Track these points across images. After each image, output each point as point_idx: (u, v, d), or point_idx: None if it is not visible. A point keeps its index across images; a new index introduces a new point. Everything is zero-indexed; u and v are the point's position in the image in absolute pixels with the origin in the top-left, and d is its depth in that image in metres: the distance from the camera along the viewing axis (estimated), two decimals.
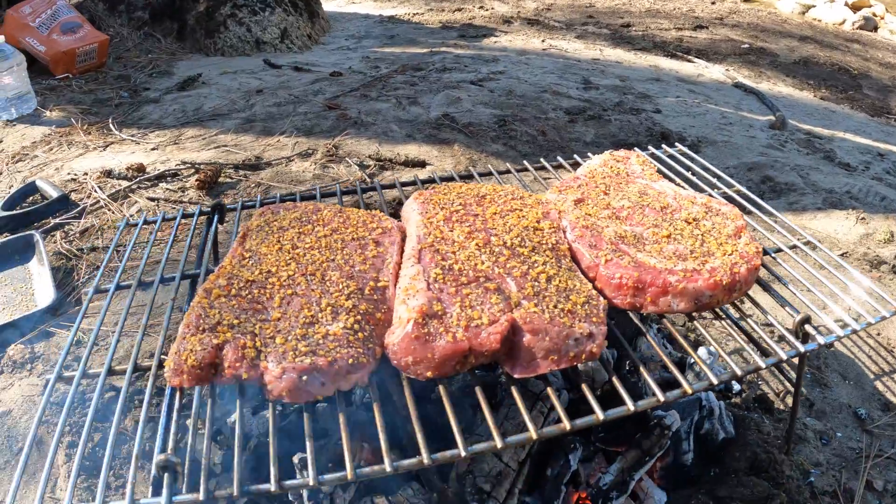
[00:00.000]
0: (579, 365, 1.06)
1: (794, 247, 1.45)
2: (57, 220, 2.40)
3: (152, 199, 2.53)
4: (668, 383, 1.20)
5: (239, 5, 4.78)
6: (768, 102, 4.00)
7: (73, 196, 2.56)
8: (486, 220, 1.30)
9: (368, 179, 2.61)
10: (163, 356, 1.11)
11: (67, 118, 3.30)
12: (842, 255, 2.42)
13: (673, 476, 1.43)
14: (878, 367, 1.85)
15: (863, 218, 2.67)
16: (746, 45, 5.55)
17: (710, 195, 1.59)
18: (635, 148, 1.80)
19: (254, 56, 4.59)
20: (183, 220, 1.61)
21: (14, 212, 2.41)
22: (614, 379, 1.08)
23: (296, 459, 1.19)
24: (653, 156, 1.78)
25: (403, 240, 1.33)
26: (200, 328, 1.06)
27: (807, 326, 1.18)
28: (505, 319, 1.04)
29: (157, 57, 4.45)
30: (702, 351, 1.59)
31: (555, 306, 1.08)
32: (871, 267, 2.33)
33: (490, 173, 1.71)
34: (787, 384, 1.73)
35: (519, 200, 1.37)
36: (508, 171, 1.74)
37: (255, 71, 4.11)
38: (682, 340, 1.17)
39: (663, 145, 1.80)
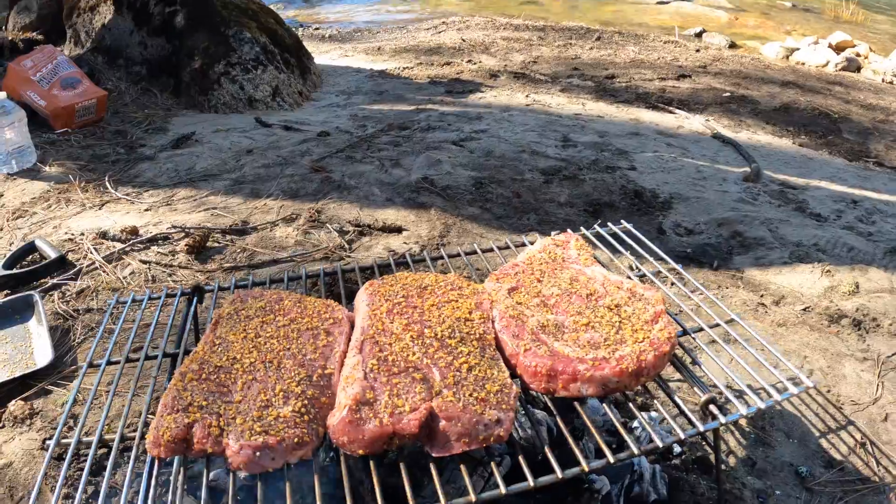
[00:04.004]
0: (520, 431, 1.19)
1: (715, 325, 1.53)
2: (55, 281, 2.51)
3: (144, 262, 2.63)
4: (609, 445, 1.31)
5: (232, 63, 4.91)
6: (744, 153, 4.10)
7: (70, 256, 2.66)
8: (424, 312, 1.45)
9: (346, 245, 2.71)
10: (144, 429, 1.33)
11: (66, 174, 3.43)
12: (804, 309, 2.50)
13: None
14: (824, 424, 1.93)
15: (828, 270, 2.76)
16: (728, 94, 5.67)
17: (645, 275, 1.69)
18: (581, 229, 1.91)
19: (246, 113, 4.72)
20: (167, 299, 1.79)
21: (14, 271, 2.52)
22: (546, 449, 1.22)
23: None
24: (597, 234, 1.88)
25: (352, 328, 1.49)
26: (175, 408, 1.26)
27: (711, 406, 1.28)
28: (424, 408, 1.22)
29: (154, 112, 4.58)
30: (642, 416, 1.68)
31: (470, 394, 1.24)
32: (829, 322, 2.41)
33: (441, 257, 1.85)
34: (732, 445, 1.81)
35: (457, 291, 1.50)
36: (459, 255, 1.85)
37: (246, 129, 4.23)
38: (613, 419, 1.27)
39: (609, 223, 1.90)
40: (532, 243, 1.84)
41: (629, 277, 1.69)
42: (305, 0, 13.27)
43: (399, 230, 2.83)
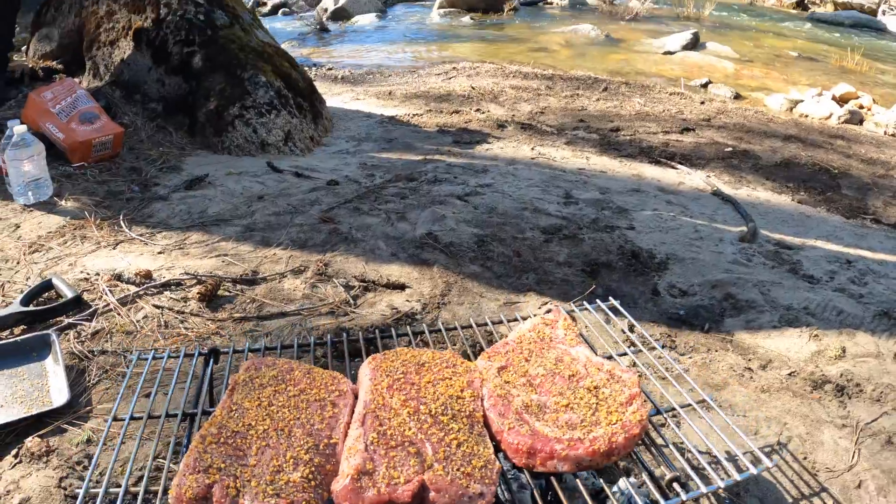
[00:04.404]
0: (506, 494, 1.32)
1: (687, 405, 1.64)
2: (70, 320, 2.62)
3: (157, 307, 2.74)
4: None
5: (247, 106, 5.04)
6: (742, 212, 4.21)
7: (86, 296, 2.77)
8: (420, 389, 1.60)
9: (352, 301, 2.82)
10: (167, 483, 1.46)
11: (81, 210, 3.56)
12: (789, 374, 2.60)
13: None
14: (798, 491, 2.02)
15: (816, 335, 2.86)
16: (730, 148, 5.79)
17: (626, 353, 1.81)
18: (571, 304, 2.02)
19: (258, 157, 4.84)
20: (186, 358, 1.92)
21: (31, 308, 2.63)
22: None
23: None
24: (585, 310, 2.00)
25: (356, 399, 1.64)
26: (196, 469, 1.40)
27: (675, 483, 1.40)
28: (417, 480, 1.36)
29: (168, 151, 4.72)
30: (621, 482, 1.78)
31: (458, 469, 1.38)
32: (813, 388, 2.51)
33: (439, 329, 1.96)
34: None
35: (451, 369, 1.64)
36: (455, 329, 1.97)
37: (258, 174, 4.36)
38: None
39: (597, 301, 2.01)
40: (524, 319, 1.96)
41: (610, 357, 1.80)
42: (321, 37, 13.49)
43: (402, 287, 2.94)
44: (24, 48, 6.65)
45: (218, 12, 5.45)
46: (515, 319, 2.02)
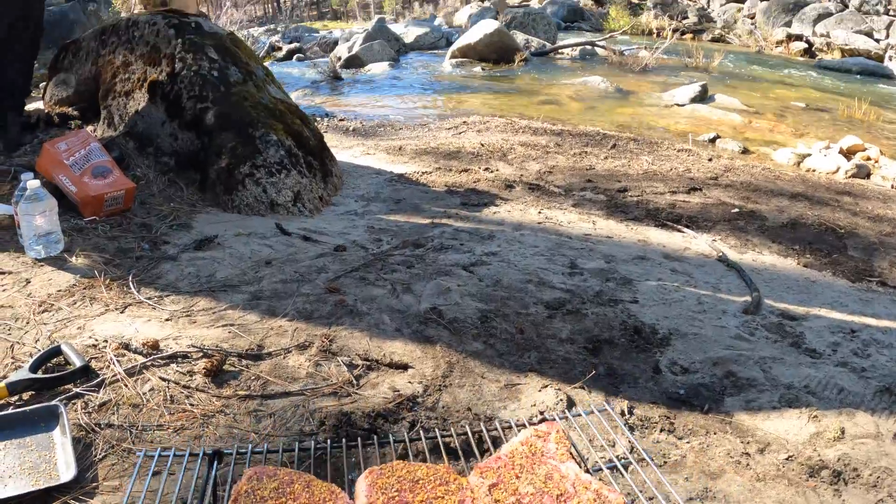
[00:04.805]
0: None
1: None
2: (78, 390, 2.64)
3: (164, 380, 2.77)
4: None
5: (257, 165, 5.11)
6: (747, 280, 4.24)
7: (94, 364, 2.80)
8: None
9: (355, 381, 2.86)
10: None
11: (91, 268, 3.62)
12: (787, 458, 2.61)
13: None
14: None
15: (815, 416, 2.87)
16: (737, 209, 5.84)
17: (616, 467, 1.85)
18: (566, 413, 2.06)
19: (268, 217, 4.90)
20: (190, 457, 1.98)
21: (39, 375, 2.67)
22: None
23: None
24: (577, 416, 2.04)
25: None
26: None
27: None
28: None
29: (179, 207, 4.78)
30: None
31: None
32: (809, 475, 2.52)
33: (434, 437, 1.99)
34: None
35: (444, 486, 1.68)
36: (451, 436, 2.01)
37: (266, 236, 4.41)
38: None
39: (591, 407, 2.05)
40: (519, 426, 2.00)
41: (600, 469, 1.84)
42: (334, 86, 13.67)
43: (405, 367, 2.98)
44: (41, 84, 6.75)
45: (232, 68, 5.55)
46: (509, 426, 2.06)
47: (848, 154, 8.59)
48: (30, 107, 6.52)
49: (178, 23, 5.67)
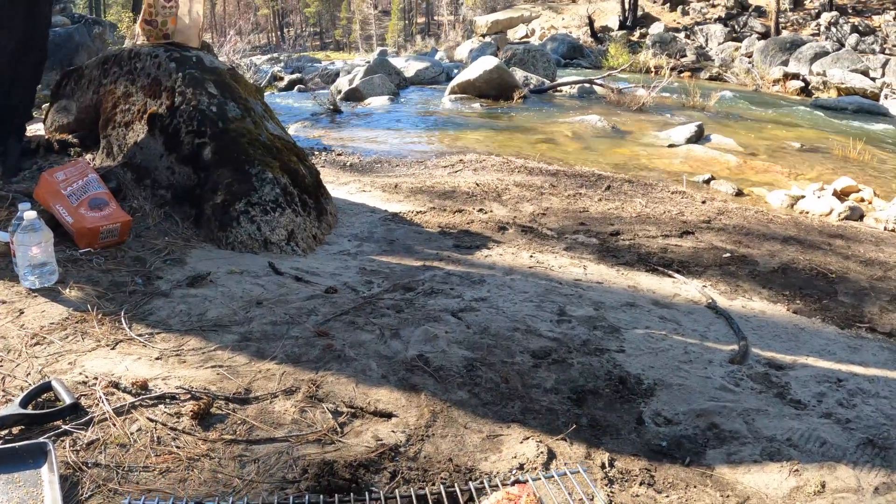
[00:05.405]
0: None
1: None
2: (67, 427, 2.65)
3: (151, 420, 2.79)
4: None
5: (253, 203, 5.15)
6: (735, 328, 4.26)
7: (83, 401, 2.81)
8: None
9: (339, 429, 2.88)
10: None
11: (84, 302, 3.65)
12: None
13: None
14: None
15: (796, 469, 2.88)
16: (728, 254, 5.87)
17: None
18: (540, 475, 2.08)
19: (261, 254, 4.93)
20: None
21: (29, 411, 2.68)
22: None
23: None
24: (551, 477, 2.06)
25: None
26: None
27: None
28: None
29: (173, 242, 4.81)
30: None
31: None
32: None
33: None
34: None
35: None
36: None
37: (259, 275, 4.43)
38: None
39: (565, 469, 2.07)
40: (493, 487, 2.02)
41: None
42: (333, 119, 13.77)
43: (389, 416, 2.99)
44: (43, 106, 6.80)
45: (231, 104, 5.60)
46: (482, 487, 2.07)
47: (842, 196, 8.65)
48: (31, 128, 6.58)
49: (180, 56, 5.74)
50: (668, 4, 43.25)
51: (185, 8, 5.94)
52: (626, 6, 41.62)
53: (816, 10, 35.51)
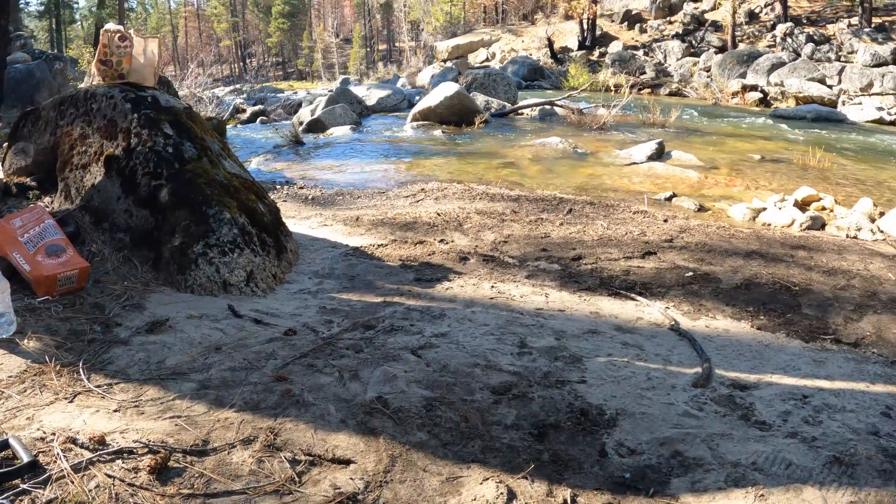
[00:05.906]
0: None
1: None
2: (25, 486, 2.58)
3: (109, 476, 2.72)
4: None
5: (210, 244, 5.08)
6: (699, 349, 4.24)
7: (41, 458, 2.74)
8: None
9: (297, 478, 2.82)
10: None
11: (42, 353, 3.58)
12: None
13: None
14: None
15: (762, 495, 2.84)
16: (691, 273, 5.86)
17: None
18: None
19: (220, 297, 4.86)
20: None
21: None
22: None
23: None
24: None
25: None
26: None
27: None
28: None
29: (132, 286, 4.73)
30: None
31: None
32: None
33: None
34: None
35: None
36: None
37: (218, 318, 4.38)
38: None
39: None
40: None
41: None
42: (296, 151, 13.73)
43: (348, 462, 2.94)
44: (4, 144, 6.69)
45: (187, 144, 5.54)
46: None
47: (803, 205, 8.70)
48: None
49: (135, 97, 5.67)
50: (626, 23, 43.81)
51: (140, 47, 5.88)
52: (585, 26, 42.08)
53: (772, 22, 36.09)
